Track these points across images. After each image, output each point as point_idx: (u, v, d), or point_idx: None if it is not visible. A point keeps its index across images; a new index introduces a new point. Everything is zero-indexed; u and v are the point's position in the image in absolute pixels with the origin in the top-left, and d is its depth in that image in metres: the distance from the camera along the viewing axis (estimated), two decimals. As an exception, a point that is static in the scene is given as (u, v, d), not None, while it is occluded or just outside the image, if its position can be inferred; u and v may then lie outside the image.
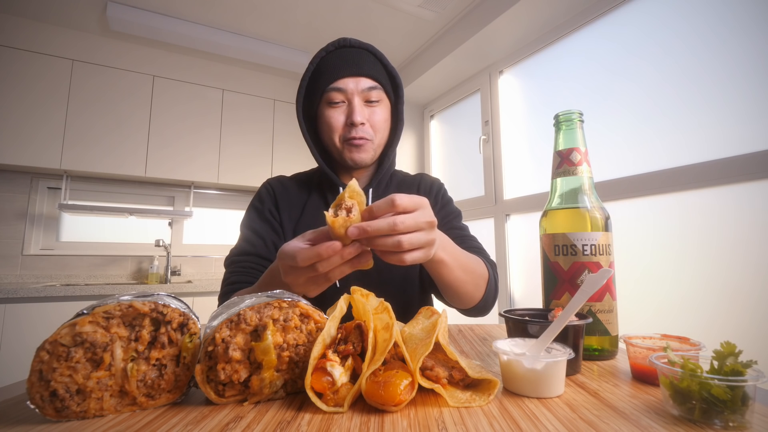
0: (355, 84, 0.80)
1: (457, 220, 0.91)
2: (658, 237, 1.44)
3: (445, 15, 2.29)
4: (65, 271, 2.53)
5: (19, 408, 0.38)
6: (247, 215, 0.89)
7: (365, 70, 0.81)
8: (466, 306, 0.76)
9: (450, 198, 0.96)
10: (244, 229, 0.87)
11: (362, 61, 0.82)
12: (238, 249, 0.84)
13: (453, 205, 0.95)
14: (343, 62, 0.81)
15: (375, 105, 0.82)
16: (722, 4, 1.33)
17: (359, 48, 0.85)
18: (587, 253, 0.57)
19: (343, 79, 0.80)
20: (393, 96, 0.88)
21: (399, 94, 0.88)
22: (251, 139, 2.89)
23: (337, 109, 0.81)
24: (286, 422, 0.34)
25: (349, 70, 0.80)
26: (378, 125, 0.83)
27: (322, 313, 0.45)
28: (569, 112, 0.63)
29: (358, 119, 0.79)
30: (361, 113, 0.80)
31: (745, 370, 0.34)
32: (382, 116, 0.83)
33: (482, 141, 2.40)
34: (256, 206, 0.89)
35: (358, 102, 0.80)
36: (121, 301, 0.38)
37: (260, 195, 0.91)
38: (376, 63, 0.84)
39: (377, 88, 0.82)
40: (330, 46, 0.84)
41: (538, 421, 0.34)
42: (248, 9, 2.30)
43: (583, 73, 1.82)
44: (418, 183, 0.95)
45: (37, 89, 2.31)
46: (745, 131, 1.24)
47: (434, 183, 0.96)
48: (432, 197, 0.92)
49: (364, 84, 0.81)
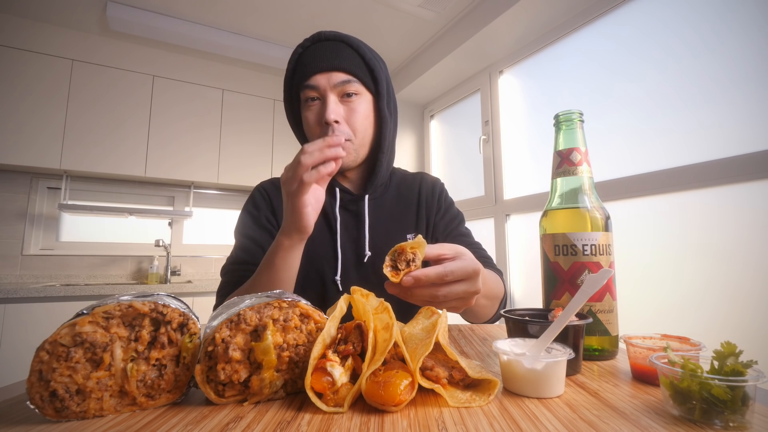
0: (326, 79, 0.74)
1: (462, 226, 0.90)
2: (658, 237, 1.44)
3: (445, 15, 2.29)
4: (65, 271, 2.53)
5: (19, 408, 0.38)
6: (242, 221, 0.84)
7: (337, 63, 0.75)
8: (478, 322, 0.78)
9: (451, 200, 0.95)
10: (240, 236, 0.82)
11: (336, 54, 0.75)
12: (234, 257, 0.80)
13: (455, 207, 0.93)
14: (315, 57, 0.75)
15: (353, 100, 0.76)
16: (722, 4, 1.33)
17: (334, 40, 0.78)
18: (587, 253, 0.57)
19: (315, 75, 0.74)
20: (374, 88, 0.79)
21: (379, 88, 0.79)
22: (251, 139, 2.89)
23: (312, 109, 0.76)
24: (286, 422, 0.34)
25: (321, 65, 0.74)
26: (356, 122, 0.76)
27: (322, 313, 0.45)
28: (569, 112, 0.63)
29: (331, 117, 0.73)
30: (335, 111, 0.73)
31: (746, 370, 0.34)
32: (361, 112, 0.77)
33: (482, 141, 2.40)
34: (251, 212, 0.84)
35: (332, 99, 0.74)
36: (120, 301, 0.38)
37: (255, 200, 0.86)
38: (352, 54, 0.77)
39: (352, 81, 0.75)
40: (306, 41, 0.78)
41: (538, 421, 0.34)
42: (248, 9, 2.30)
43: (583, 73, 1.82)
44: (419, 183, 0.92)
45: (37, 89, 2.31)
46: (745, 131, 1.24)
47: (435, 184, 0.93)
48: (435, 200, 0.90)
49: (337, 78, 0.74)
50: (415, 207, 0.88)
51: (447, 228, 0.87)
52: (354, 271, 0.81)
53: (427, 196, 0.90)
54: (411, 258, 0.49)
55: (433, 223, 0.88)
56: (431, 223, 0.88)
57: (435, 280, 0.48)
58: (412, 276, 0.48)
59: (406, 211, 0.88)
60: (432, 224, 0.88)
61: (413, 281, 0.48)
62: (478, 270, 0.51)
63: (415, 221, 0.87)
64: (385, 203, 0.87)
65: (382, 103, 0.79)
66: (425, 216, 0.88)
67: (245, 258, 0.78)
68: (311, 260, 0.79)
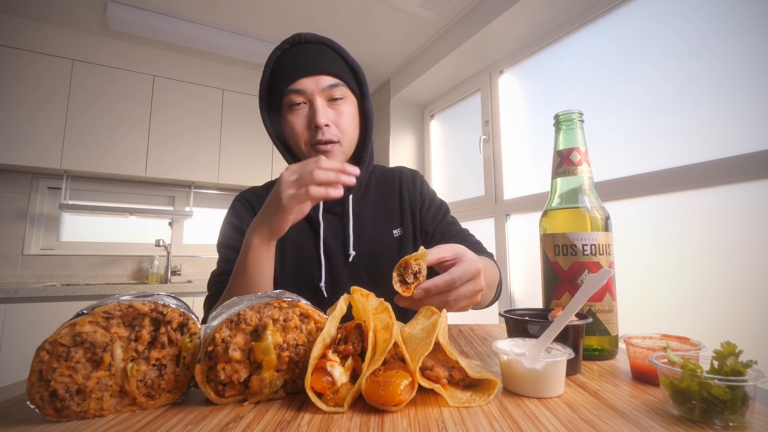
0: (314, 83, 0.74)
1: (448, 215, 0.90)
2: (658, 237, 1.44)
3: (445, 15, 2.29)
4: (65, 271, 2.53)
5: (19, 408, 0.38)
6: (224, 234, 0.82)
7: (324, 67, 0.75)
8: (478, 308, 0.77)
9: (433, 190, 0.95)
10: (224, 249, 0.81)
11: (320, 57, 0.76)
12: (220, 270, 0.78)
13: (437, 197, 0.93)
14: (299, 60, 0.75)
15: (339, 103, 0.77)
16: (722, 4, 1.33)
17: (316, 43, 0.78)
18: (587, 253, 0.57)
19: (301, 79, 0.74)
20: (358, 92, 0.81)
21: (363, 90, 0.81)
22: (251, 139, 2.89)
23: (298, 112, 0.76)
24: (286, 422, 0.34)
25: (307, 68, 0.74)
26: (344, 125, 0.77)
27: (322, 313, 0.45)
28: (569, 112, 0.63)
29: (322, 121, 0.73)
30: (325, 114, 0.74)
31: (745, 370, 0.34)
32: (348, 115, 0.78)
33: (482, 141, 2.40)
34: (234, 223, 0.82)
35: (321, 102, 0.74)
36: (121, 301, 0.38)
37: (236, 211, 0.85)
38: (335, 58, 0.78)
39: (339, 84, 0.76)
40: (285, 43, 0.77)
41: (538, 421, 0.34)
42: (248, 9, 2.30)
43: (583, 73, 1.82)
44: (399, 177, 0.92)
45: (37, 89, 2.31)
46: (745, 131, 1.24)
47: (415, 176, 0.93)
48: (417, 193, 0.90)
49: (325, 82, 0.75)
50: (398, 201, 0.89)
51: (434, 219, 0.87)
52: (346, 271, 0.81)
53: (408, 189, 0.90)
54: (417, 270, 0.50)
55: (420, 216, 0.88)
56: (417, 217, 0.88)
57: (444, 288, 0.50)
58: (422, 288, 0.49)
59: (390, 207, 0.88)
60: (419, 217, 0.88)
61: (424, 293, 0.49)
62: (479, 269, 0.53)
63: (399, 216, 0.87)
64: (368, 201, 0.88)
65: (367, 103, 0.82)
66: (409, 209, 0.88)
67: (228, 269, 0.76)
68: (300, 266, 0.80)
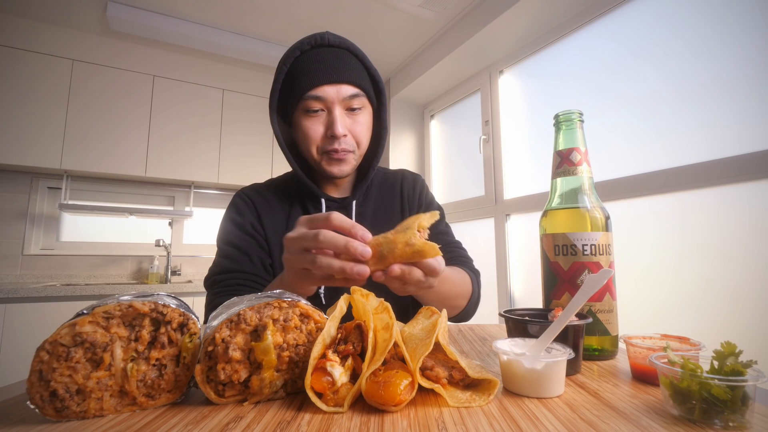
0: (335, 91, 0.72)
1: (441, 223, 0.89)
2: (658, 237, 1.44)
3: (445, 15, 2.29)
4: (65, 271, 2.53)
5: (19, 408, 0.38)
6: (224, 230, 0.80)
7: (347, 75, 0.73)
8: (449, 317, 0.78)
9: (432, 196, 0.95)
10: (224, 245, 0.78)
11: (343, 64, 0.73)
12: (218, 268, 0.75)
13: (435, 203, 0.93)
14: (321, 66, 0.72)
15: (357, 113, 0.75)
16: (722, 4, 1.33)
17: (339, 47, 0.75)
18: (587, 253, 0.57)
19: (322, 86, 0.71)
20: (375, 101, 0.80)
21: (382, 99, 0.80)
22: (251, 139, 2.89)
23: (315, 119, 0.73)
24: (286, 422, 0.34)
25: (329, 75, 0.71)
26: (361, 136, 0.76)
27: (322, 313, 0.45)
28: (569, 112, 0.63)
29: (340, 131, 0.72)
30: (343, 124, 0.72)
31: (745, 370, 0.34)
32: (365, 125, 0.76)
33: (482, 141, 2.40)
34: (235, 220, 0.80)
35: (339, 111, 0.72)
36: (121, 301, 0.38)
37: (237, 207, 0.82)
38: (358, 66, 0.76)
39: (360, 95, 0.74)
40: (305, 44, 0.74)
41: (538, 421, 0.34)
42: (248, 9, 2.30)
43: (583, 73, 1.82)
44: (400, 180, 0.92)
45: (37, 89, 2.31)
46: (745, 131, 1.24)
47: (416, 180, 0.93)
48: (416, 196, 0.90)
49: (346, 91, 0.72)
50: (398, 204, 0.89)
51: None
52: None
53: (408, 192, 0.90)
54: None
55: None
56: None
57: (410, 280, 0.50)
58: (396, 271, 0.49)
59: (391, 210, 0.88)
60: None
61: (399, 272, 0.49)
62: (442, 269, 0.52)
63: (399, 218, 0.88)
64: (369, 204, 0.87)
65: (384, 113, 0.81)
66: (408, 212, 0.89)
67: (230, 266, 0.74)
68: None
